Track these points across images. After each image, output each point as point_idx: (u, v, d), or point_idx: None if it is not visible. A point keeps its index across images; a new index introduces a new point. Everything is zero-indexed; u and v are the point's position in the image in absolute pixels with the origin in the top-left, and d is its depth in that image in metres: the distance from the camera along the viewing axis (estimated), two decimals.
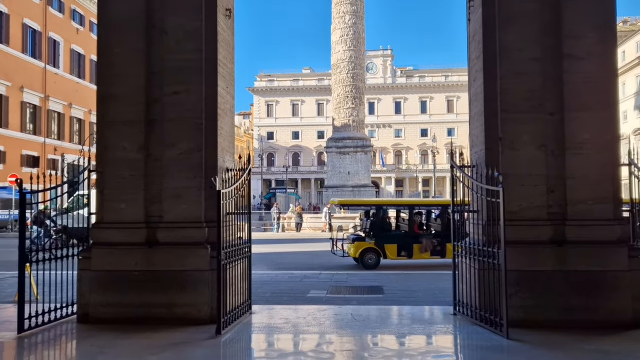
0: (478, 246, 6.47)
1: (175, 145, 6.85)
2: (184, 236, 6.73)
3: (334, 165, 41.79)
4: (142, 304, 6.64)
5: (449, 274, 11.92)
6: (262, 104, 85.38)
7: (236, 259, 6.74)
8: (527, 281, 6.34)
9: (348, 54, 42.09)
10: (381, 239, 13.60)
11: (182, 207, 6.80)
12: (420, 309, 7.50)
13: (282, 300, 8.48)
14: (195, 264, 6.64)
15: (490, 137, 6.69)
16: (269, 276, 11.50)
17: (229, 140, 7.51)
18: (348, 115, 41.81)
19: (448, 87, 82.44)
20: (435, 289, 9.62)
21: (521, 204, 6.50)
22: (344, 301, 8.40)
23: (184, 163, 6.82)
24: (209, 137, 6.90)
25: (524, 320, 6.21)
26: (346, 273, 12.03)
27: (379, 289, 9.64)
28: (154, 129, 6.90)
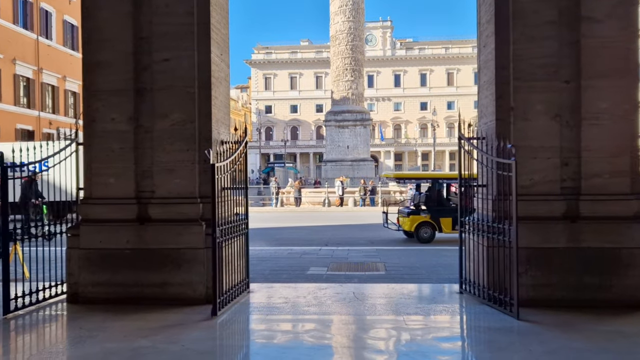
0: (487, 222, 6.14)
1: (166, 116, 6.45)
2: (177, 212, 6.39)
3: (332, 139, 41.34)
4: (134, 283, 6.34)
5: (448, 250, 11.80)
6: (260, 77, 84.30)
7: (232, 235, 6.42)
8: (538, 259, 6.04)
9: (347, 24, 41.23)
10: (436, 212, 13.46)
11: (174, 182, 6.44)
12: (424, 287, 7.23)
13: (281, 278, 8.21)
14: (189, 241, 6.32)
15: (501, 106, 6.29)
16: (268, 252, 11.23)
17: (223, 111, 7.10)
18: (347, 88, 41.18)
19: (448, 59, 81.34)
20: (437, 265, 9.36)
21: (533, 178, 6.15)
22: (345, 278, 8.13)
23: (176, 134, 6.44)
24: (202, 107, 6.50)
25: (534, 299, 5.94)
26: (346, 249, 11.76)
27: (380, 265, 9.37)
28: (144, 98, 6.49)
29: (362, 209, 27.68)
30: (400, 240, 13.85)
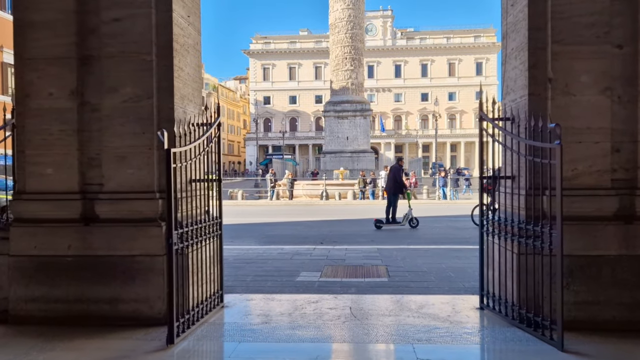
0: (517, 223, 4.89)
1: (117, 90, 5.17)
2: (130, 210, 5.14)
3: (331, 130, 40.08)
4: (78, 298, 5.10)
5: (458, 250, 10.54)
6: (258, 67, 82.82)
7: (200, 239, 5.18)
8: (582, 269, 4.80)
9: (347, 12, 39.85)
10: None
11: (127, 172, 5.18)
12: (435, 299, 5.98)
13: (264, 286, 6.97)
14: (146, 246, 5.07)
15: (535, 78, 5.02)
16: (255, 252, 9.99)
17: (192, 87, 5.82)
18: (346, 78, 39.88)
19: (449, 49, 79.83)
20: (447, 269, 8.12)
21: (576, 168, 4.88)
22: (340, 287, 6.89)
23: (130, 113, 5.17)
24: (162, 80, 5.22)
25: (577, 321, 4.70)
26: (344, 248, 10.52)
27: (382, 269, 8.13)
28: (90, 68, 5.22)
29: (362, 203, 26.44)
30: (404, 238, 12.61)
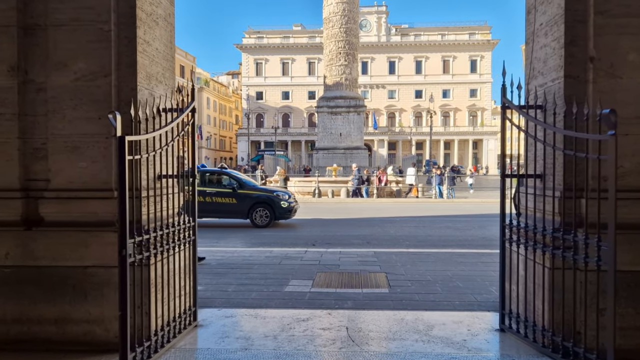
0: (552, 232, 4.04)
1: (67, 66, 4.27)
2: (82, 211, 4.24)
3: (325, 126, 39.28)
4: (17, 318, 4.21)
5: (463, 255, 9.66)
6: (251, 62, 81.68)
7: (168, 247, 4.30)
8: (629, 288, 3.96)
9: (341, 6, 39.03)
10: None
11: (79, 166, 4.28)
12: (446, 317, 5.14)
13: (248, 298, 6.09)
14: (101, 255, 4.18)
15: (573, 57, 4.17)
16: (241, 256, 9.11)
17: (162, 65, 4.92)
18: (340, 73, 39.09)
19: (444, 46, 79.14)
20: (454, 277, 7.28)
21: (622, 165, 4.04)
22: (334, 299, 6.03)
23: (83, 94, 4.27)
24: (122, 55, 4.32)
25: (622, 350, 3.86)
26: (337, 251, 9.66)
27: (381, 277, 7.28)
28: (36, 39, 4.31)
29: (357, 201, 25.60)
30: (402, 240, 11.78)
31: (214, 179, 15.44)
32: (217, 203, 14.39)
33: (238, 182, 14.93)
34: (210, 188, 14.70)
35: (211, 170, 17.22)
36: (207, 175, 15.43)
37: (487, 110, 78.63)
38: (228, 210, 14.46)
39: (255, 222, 14.21)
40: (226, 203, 14.41)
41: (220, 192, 14.55)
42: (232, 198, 14.44)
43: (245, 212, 14.32)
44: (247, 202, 14.37)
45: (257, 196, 14.53)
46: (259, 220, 14.22)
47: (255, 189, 15.19)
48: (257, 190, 15.07)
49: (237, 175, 16.07)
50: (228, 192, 14.56)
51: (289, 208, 14.47)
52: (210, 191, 14.49)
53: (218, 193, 14.52)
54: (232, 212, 14.49)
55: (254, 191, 14.88)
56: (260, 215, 14.25)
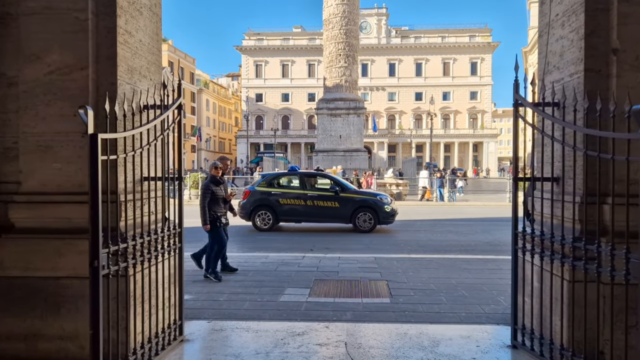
0: (572, 241, 3.67)
1: (41, 58, 3.91)
2: (56, 217, 3.87)
3: (324, 128, 38.93)
4: None
5: (466, 261, 9.14)
6: (251, 64, 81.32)
7: (149, 257, 3.93)
8: None
9: (341, 7, 38.71)
10: None
11: (53, 167, 3.91)
12: (452, 331, 4.76)
13: (240, 309, 5.71)
14: (76, 265, 3.81)
15: (595, 49, 3.81)
16: (235, 262, 8.72)
17: (147, 59, 4.56)
18: (340, 75, 38.75)
19: (444, 48, 78.83)
20: (459, 286, 6.91)
21: None
22: (332, 310, 5.65)
23: (57, 89, 3.90)
24: (102, 46, 3.96)
25: None
26: (336, 257, 9.29)
27: (382, 285, 6.91)
28: (6, 29, 3.95)
29: None
30: (403, 245, 11.40)
31: (312, 182, 14.65)
32: (319, 207, 13.75)
33: (339, 185, 14.21)
34: (311, 191, 14.05)
35: (310, 173, 16.39)
36: (305, 178, 14.70)
37: (487, 113, 78.32)
38: (330, 215, 13.82)
39: (359, 227, 13.47)
40: (328, 207, 13.73)
41: (322, 196, 13.86)
42: (334, 202, 13.70)
43: (347, 216, 13.61)
44: (350, 206, 13.64)
45: (360, 200, 13.77)
46: (363, 225, 13.48)
47: (357, 192, 14.52)
48: (359, 194, 14.35)
49: (338, 178, 15.44)
50: (330, 195, 13.82)
51: (392, 212, 13.76)
52: (312, 194, 13.88)
53: (320, 196, 13.84)
54: (334, 217, 13.85)
55: (357, 195, 14.17)
56: (364, 219, 13.51)
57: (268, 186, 14.27)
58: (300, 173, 15.28)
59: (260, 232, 13.51)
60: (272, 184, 14.41)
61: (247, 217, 13.98)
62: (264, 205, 13.86)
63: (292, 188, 14.40)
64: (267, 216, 13.78)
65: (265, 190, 14.14)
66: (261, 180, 14.61)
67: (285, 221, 14.20)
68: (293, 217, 14.10)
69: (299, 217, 14.14)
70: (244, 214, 14.02)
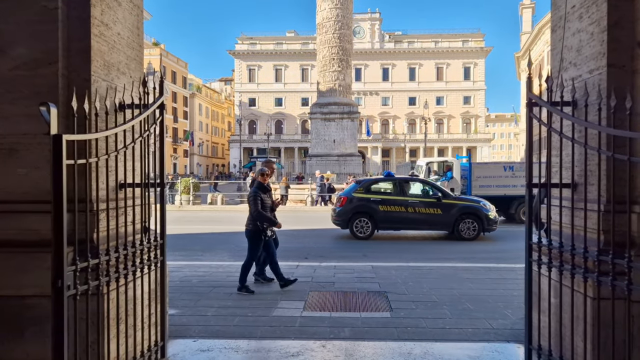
0: (597, 254, 3.30)
1: (4, 52, 3.50)
2: (20, 229, 3.46)
3: (318, 133, 38.58)
4: None
5: (468, 270, 8.71)
6: (244, 68, 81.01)
7: (125, 273, 3.52)
8: None
9: (334, 12, 38.44)
10: None
11: (18, 173, 3.50)
12: (460, 350, 4.39)
13: (230, 325, 5.30)
14: (43, 282, 3.37)
15: (618, 42, 3.46)
16: (226, 271, 8.32)
17: (126, 54, 4.17)
18: (334, 79, 38.46)
19: (437, 53, 78.95)
20: (462, 298, 6.54)
21: None
22: (329, 326, 5.26)
23: (23, 86, 3.50)
24: (73, 39, 3.57)
25: None
26: (332, 265, 8.90)
27: (382, 298, 6.52)
28: None
29: None
30: (401, 252, 11.03)
31: (410, 188, 14.13)
32: (420, 214, 13.22)
33: (441, 192, 13.63)
34: (413, 198, 13.56)
35: (408, 178, 15.95)
36: (403, 183, 14.20)
37: (480, 118, 78.39)
38: (431, 222, 13.30)
39: (462, 235, 12.94)
40: (430, 214, 13.17)
41: (424, 202, 13.34)
42: (436, 208, 13.16)
43: (450, 223, 13.06)
44: (453, 212, 13.05)
45: (464, 206, 13.19)
46: (467, 232, 12.95)
47: (459, 199, 13.93)
48: (462, 200, 13.76)
49: (438, 184, 14.96)
50: (432, 202, 13.28)
51: (495, 219, 13.27)
52: (413, 201, 13.39)
53: (422, 203, 13.32)
54: (435, 224, 13.34)
55: (460, 201, 13.60)
56: (468, 227, 12.95)
57: (366, 192, 13.67)
58: (399, 179, 14.73)
59: (359, 240, 13.03)
60: (369, 190, 13.80)
61: (345, 224, 13.44)
62: (362, 212, 13.29)
63: (392, 194, 13.82)
64: (365, 224, 13.22)
65: (364, 196, 13.52)
66: (357, 187, 13.94)
67: (384, 229, 13.57)
68: (393, 224, 13.51)
69: (399, 225, 13.58)
70: (340, 221, 13.52)
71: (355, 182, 14.71)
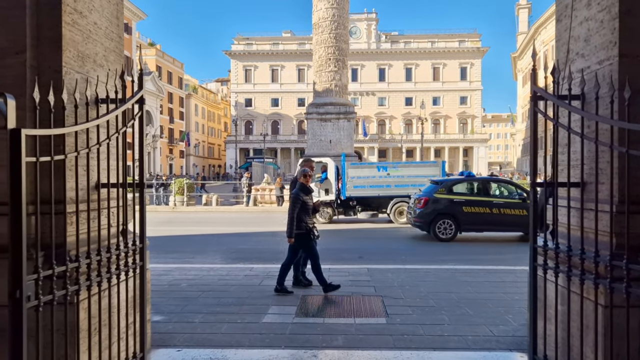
0: (609, 258, 3.05)
1: None
2: None
3: (314, 133, 38.30)
4: None
5: (465, 272, 8.27)
6: (240, 69, 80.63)
7: (99, 280, 3.25)
8: None
9: (330, 11, 38.17)
10: None
11: None
12: (460, 359, 4.12)
13: (217, 332, 5.03)
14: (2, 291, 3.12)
15: (630, 30, 3.22)
16: (217, 274, 8.04)
17: (104, 45, 3.90)
18: (330, 79, 38.16)
19: (434, 53, 78.76)
20: (460, 302, 6.28)
21: None
22: (322, 333, 4.99)
23: None
24: (43, 27, 3.30)
25: None
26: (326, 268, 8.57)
27: (377, 302, 6.26)
28: None
29: None
30: (397, 254, 10.78)
31: (492, 188, 13.84)
32: (505, 215, 12.96)
33: (526, 192, 13.25)
34: (497, 198, 13.28)
35: (490, 178, 15.60)
36: (486, 184, 13.89)
37: (477, 118, 78.25)
38: (517, 223, 12.92)
39: None
40: (516, 215, 12.88)
41: (509, 203, 13.12)
42: (522, 209, 12.86)
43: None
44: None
45: None
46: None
47: None
48: None
49: (520, 184, 14.68)
50: (517, 202, 13.05)
51: None
52: (498, 202, 13.12)
53: (507, 204, 13.07)
54: (521, 225, 12.86)
55: None
56: None
57: (448, 193, 13.35)
58: (481, 179, 14.46)
59: (441, 242, 12.73)
60: (451, 191, 13.47)
61: (427, 226, 13.10)
62: (446, 213, 12.97)
63: (474, 195, 13.54)
64: (449, 225, 12.93)
65: (447, 197, 13.22)
66: (438, 187, 13.53)
67: (468, 230, 13.24)
68: (477, 225, 13.19)
69: (483, 226, 13.25)
70: (421, 223, 13.19)
71: (434, 183, 14.26)
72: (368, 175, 17.47)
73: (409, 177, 17.33)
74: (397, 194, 17.26)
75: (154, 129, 63.78)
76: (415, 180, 17.08)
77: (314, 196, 16.87)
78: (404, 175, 17.34)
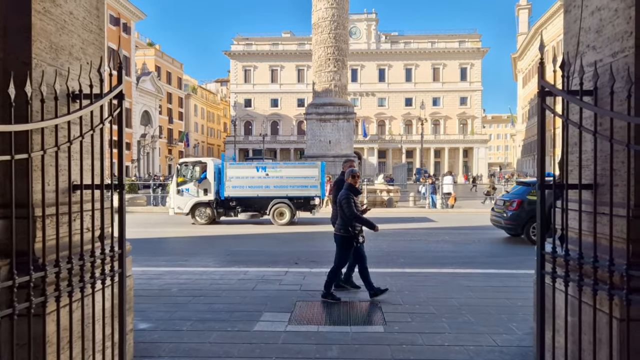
0: (625, 268, 2.79)
1: None
2: None
3: (313, 133, 38.07)
4: None
5: (466, 276, 8.06)
6: (239, 69, 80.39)
7: (70, 289, 2.99)
8: None
9: (330, 11, 37.95)
10: None
11: None
12: None
13: (206, 342, 4.77)
14: None
15: None
16: (210, 278, 7.78)
17: (82, 37, 3.64)
18: (329, 79, 37.94)
19: (434, 54, 78.52)
20: (462, 308, 6.02)
21: None
22: (316, 343, 4.73)
23: None
24: (11, 15, 3.05)
25: None
26: (324, 272, 8.35)
27: (374, 309, 6.00)
28: None
29: None
30: (396, 257, 10.52)
31: None
32: None
33: None
34: None
35: None
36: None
37: (477, 119, 77.99)
38: None
39: None
40: None
41: None
42: None
43: None
44: None
45: None
46: None
47: None
48: None
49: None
50: None
51: None
52: None
53: None
54: None
55: None
56: None
57: None
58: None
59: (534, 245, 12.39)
60: None
61: (520, 229, 12.61)
62: None
63: None
64: None
65: None
66: (531, 189, 12.89)
67: None
68: None
69: None
70: (514, 227, 12.72)
71: (522, 184, 13.67)
72: (247, 175, 17.17)
73: (288, 178, 17.08)
74: (276, 195, 17.12)
75: (152, 129, 63.53)
76: (295, 181, 16.99)
77: (192, 195, 17.21)
78: (283, 176, 17.07)
